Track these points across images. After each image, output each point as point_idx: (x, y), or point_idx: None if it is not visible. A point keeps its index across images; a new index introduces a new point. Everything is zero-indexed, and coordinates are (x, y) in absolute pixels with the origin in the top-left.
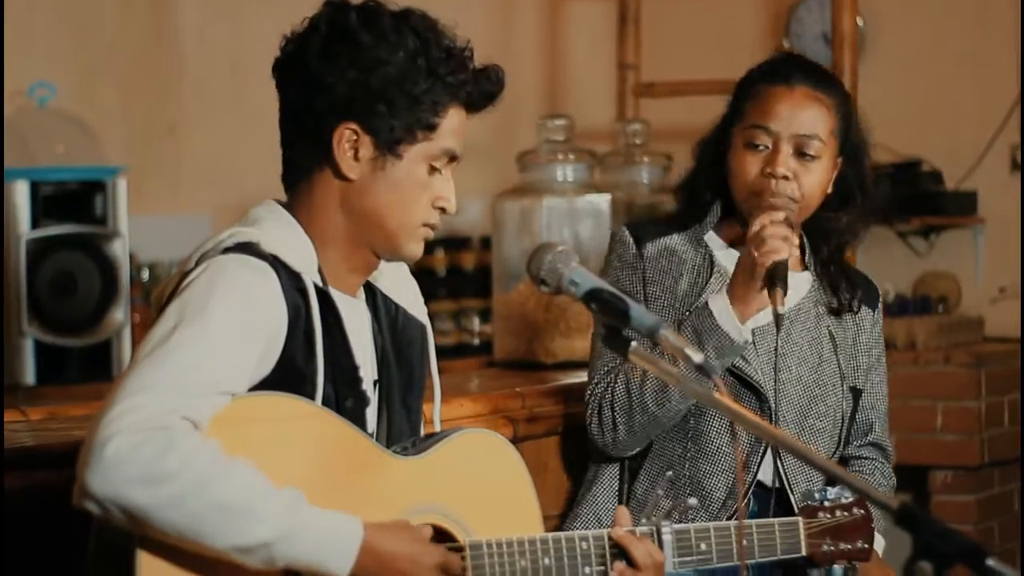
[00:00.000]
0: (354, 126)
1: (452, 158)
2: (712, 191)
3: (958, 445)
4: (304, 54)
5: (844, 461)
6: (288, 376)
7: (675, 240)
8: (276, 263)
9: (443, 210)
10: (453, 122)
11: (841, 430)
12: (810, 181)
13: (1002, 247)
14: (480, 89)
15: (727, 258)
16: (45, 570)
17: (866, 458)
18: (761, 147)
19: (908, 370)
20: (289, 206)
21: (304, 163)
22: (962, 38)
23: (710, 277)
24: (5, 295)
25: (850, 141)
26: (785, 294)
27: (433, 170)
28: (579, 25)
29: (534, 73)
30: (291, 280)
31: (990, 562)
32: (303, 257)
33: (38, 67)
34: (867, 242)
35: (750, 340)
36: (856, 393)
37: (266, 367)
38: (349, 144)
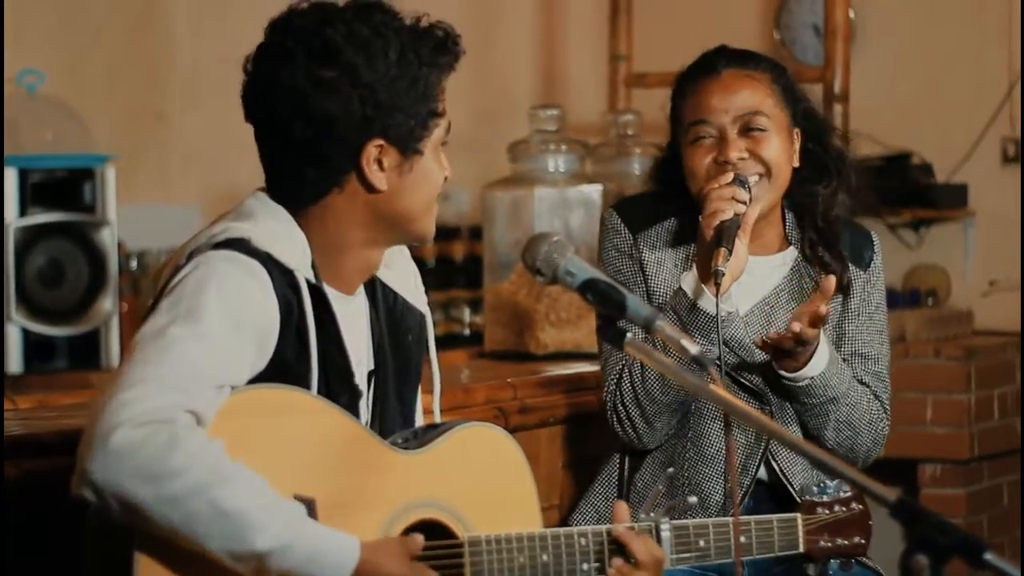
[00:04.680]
0: (379, 142)
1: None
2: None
3: (948, 438)
4: (291, 85)
5: None
6: (281, 373)
7: (670, 225)
8: (268, 260)
9: (445, 178)
10: (444, 92)
11: None
12: (769, 149)
13: (992, 240)
14: (455, 52)
15: None
16: (38, 559)
17: None
18: (707, 138)
19: (898, 363)
20: (290, 212)
21: (315, 187)
22: (954, 30)
23: None
24: None
25: (800, 112)
26: (731, 252)
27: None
28: (571, 15)
29: (526, 63)
30: (283, 277)
31: (988, 556)
32: (296, 253)
33: (27, 54)
34: None
35: (732, 311)
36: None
37: (260, 364)
38: (375, 159)
